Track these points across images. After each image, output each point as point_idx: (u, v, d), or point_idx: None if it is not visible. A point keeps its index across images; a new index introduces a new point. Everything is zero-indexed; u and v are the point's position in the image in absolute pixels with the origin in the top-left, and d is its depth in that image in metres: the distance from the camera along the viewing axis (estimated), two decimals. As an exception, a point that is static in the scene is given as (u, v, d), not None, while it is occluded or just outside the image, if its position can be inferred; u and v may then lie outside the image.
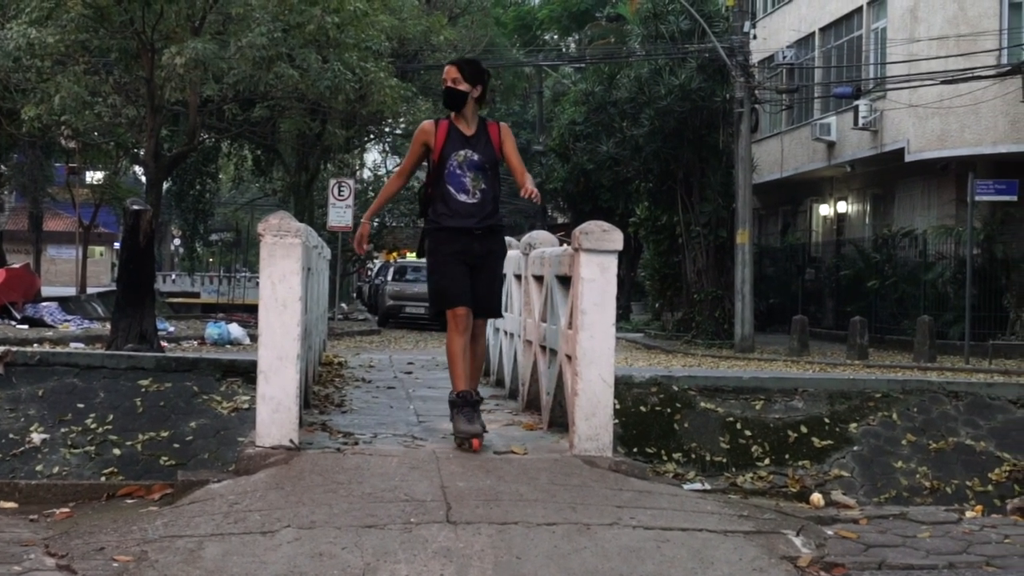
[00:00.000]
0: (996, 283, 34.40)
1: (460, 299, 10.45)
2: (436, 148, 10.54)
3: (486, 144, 10.63)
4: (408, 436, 12.43)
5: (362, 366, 20.21)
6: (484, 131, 10.70)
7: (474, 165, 10.54)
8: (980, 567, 8.40)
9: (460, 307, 10.43)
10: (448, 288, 10.49)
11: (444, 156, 10.51)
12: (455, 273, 10.47)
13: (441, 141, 10.53)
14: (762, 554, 8.72)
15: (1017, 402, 16.06)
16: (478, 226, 10.56)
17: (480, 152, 10.57)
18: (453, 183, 10.52)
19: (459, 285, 10.47)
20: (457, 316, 10.43)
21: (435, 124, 10.74)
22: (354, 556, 8.25)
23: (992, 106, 33.76)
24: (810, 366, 27.75)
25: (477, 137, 10.61)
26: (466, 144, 10.55)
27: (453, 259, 10.48)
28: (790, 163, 45.96)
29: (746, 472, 13.80)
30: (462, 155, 10.51)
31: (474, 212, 10.55)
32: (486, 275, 10.68)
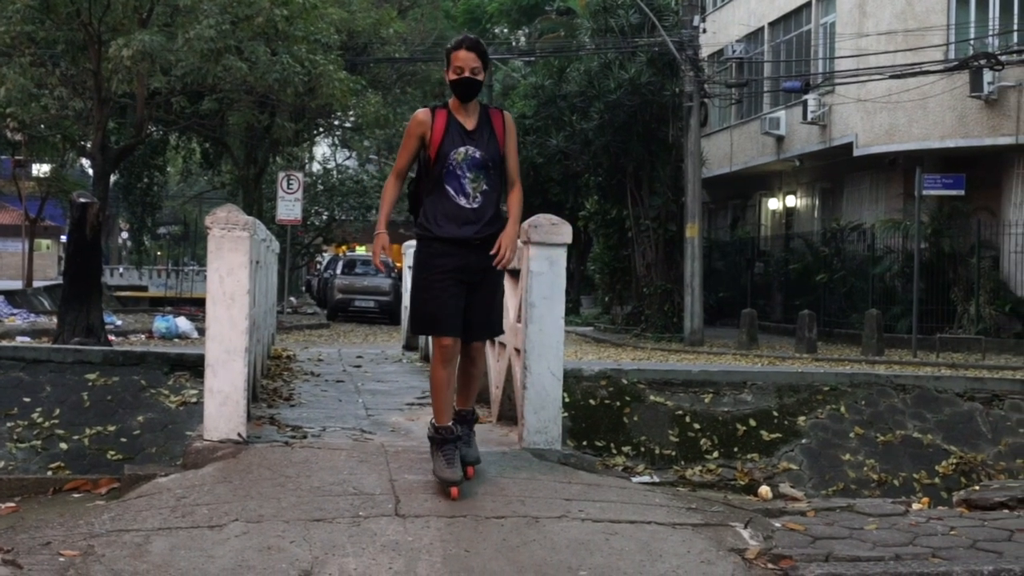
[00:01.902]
0: (943, 277, 34.61)
1: (448, 327, 8.90)
2: (433, 143, 9.00)
3: (489, 138, 9.12)
4: (357, 430, 12.44)
5: (311, 360, 20.17)
6: (487, 122, 9.18)
7: (476, 164, 9.01)
8: (926, 559, 8.44)
9: (448, 336, 8.90)
10: (435, 313, 8.90)
11: (442, 153, 8.98)
12: (446, 295, 8.87)
13: (439, 135, 8.99)
14: (710, 546, 8.76)
15: (964, 395, 16.21)
16: (478, 235, 8.96)
17: (483, 148, 9.06)
18: (451, 184, 9.01)
19: (449, 309, 8.88)
20: (443, 346, 8.93)
21: (431, 114, 9.10)
22: (302, 550, 8.24)
23: (940, 101, 33.96)
24: (759, 360, 27.88)
25: (479, 130, 9.10)
26: (468, 139, 9.03)
27: (445, 277, 8.89)
28: (739, 157, 46.12)
29: (695, 465, 13.86)
30: (462, 152, 9.00)
31: (474, 219, 8.98)
32: (486, 292, 9.12)
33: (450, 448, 9.02)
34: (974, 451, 15.10)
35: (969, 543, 8.93)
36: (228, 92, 37.67)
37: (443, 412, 9.08)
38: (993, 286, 33.62)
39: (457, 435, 9.11)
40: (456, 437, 9.09)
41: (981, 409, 15.99)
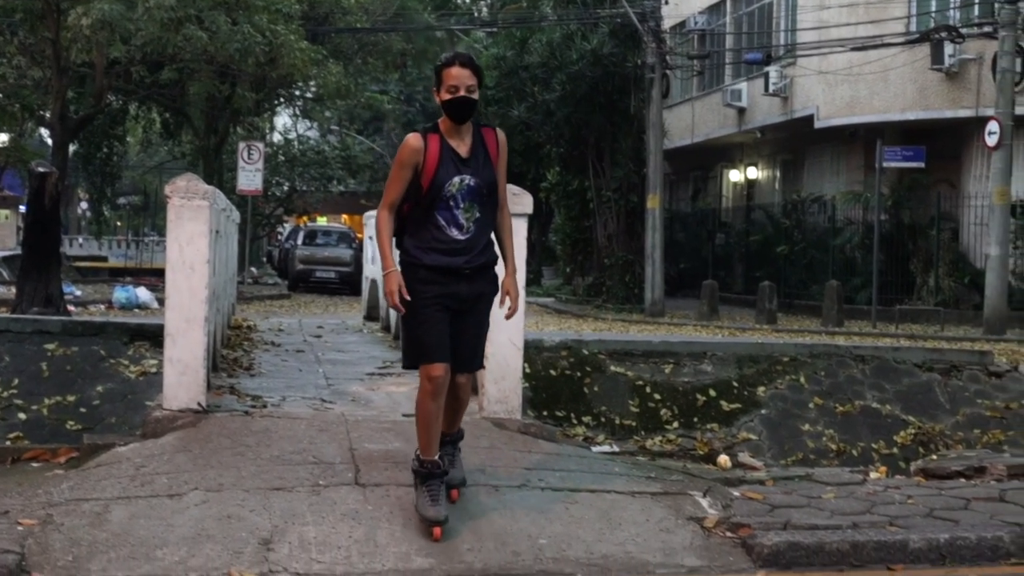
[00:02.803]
0: (903, 249, 34.72)
1: (438, 353, 8.15)
2: (427, 173, 8.13)
3: (484, 163, 8.31)
4: (317, 399, 12.44)
5: (271, 330, 20.12)
6: (481, 145, 8.35)
7: (471, 192, 8.21)
8: (883, 527, 8.51)
9: (438, 364, 8.12)
10: (424, 339, 8.16)
11: (436, 184, 8.12)
12: (434, 320, 8.15)
13: (433, 165, 8.13)
14: (669, 515, 8.81)
15: (922, 366, 16.29)
16: (467, 266, 8.23)
17: (478, 175, 8.24)
18: (443, 215, 8.18)
19: (438, 335, 8.16)
20: (433, 376, 8.11)
21: (423, 139, 8.22)
22: (262, 518, 8.25)
23: (901, 73, 34.04)
24: (719, 331, 27.96)
25: (474, 156, 8.27)
26: (463, 167, 8.19)
27: (433, 303, 8.14)
28: (701, 129, 46.14)
29: (655, 435, 13.89)
30: (457, 183, 8.16)
31: (464, 250, 8.21)
32: (473, 321, 8.40)
33: (435, 484, 8.14)
34: (932, 421, 15.17)
35: (926, 512, 9.01)
36: (188, 62, 37.45)
37: (430, 446, 8.23)
38: (952, 258, 33.77)
39: (444, 470, 8.27)
40: (443, 472, 8.26)
41: (939, 380, 16.07)
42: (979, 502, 9.36)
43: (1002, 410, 15.59)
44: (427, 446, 8.23)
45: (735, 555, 8.10)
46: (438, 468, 8.21)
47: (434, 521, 7.98)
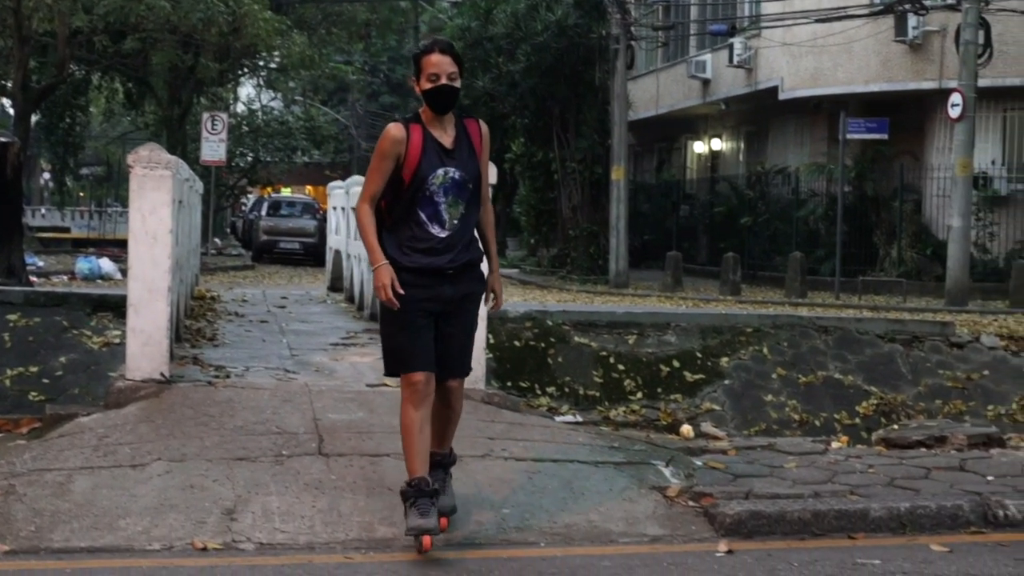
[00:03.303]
0: (866, 220, 34.78)
1: (420, 361, 7.54)
2: (409, 166, 7.55)
3: (468, 155, 7.75)
4: (281, 369, 12.45)
5: (235, 300, 20.11)
6: (465, 137, 7.79)
7: (455, 186, 7.63)
8: (845, 496, 8.57)
9: (419, 372, 7.51)
10: (405, 346, 7.56)
11: (419, 177, 7.54)
12: (415, 326, 7.54)
13: (416, 156, 7.55)
14: (632, 484, 8.84)
15: (885, 337, 16.38)
16: (451, 265, 7.62)
17: (463, 168, 7.67)
18: (426, 211, 7.59)
19: (420, 342, 7.55)
20: (414, 384, 7.51)
21: (406, 129, 7.63)
22: (225, 488, 8.25)
23: (864, 45, 34.06)
24: (683, 302, 27.99)
25: (458, 147, 7.72)
26: (447, 159, 7.63)
27: (413, 307, 7.50)
28: (665, 100, 46.12)
29: (619, 406, 13.94)
30: (441, 175, 7.57)
31: (447, 248, 7.60)
32: (459, 324, 7.77)
33: (425, 502, 7.37)
34: (894, 392, 15.27)
35: (887, 481, 9.07)
36: (151, 31, 37.22)
37: (417, 461, 7.49)
38: (915, 229, 33.85)
39: (434, 488, 7.49)
40: (433, 491, 7.47)
41: (902, 351, 16.17)
42: (939, 471, 9.43)
43: (963, 381, 15.70)
44: (413, 461, 7.49)
45: (697, 524, 8.15)
46: (427, 485, 7.41)
47: (422, 530, 7.30)
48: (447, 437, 7.93)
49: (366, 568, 7.06)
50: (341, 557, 7.30)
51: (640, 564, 7.25)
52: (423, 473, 7.47)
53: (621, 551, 7.57)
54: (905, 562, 7.42)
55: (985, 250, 31.99)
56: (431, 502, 7.41)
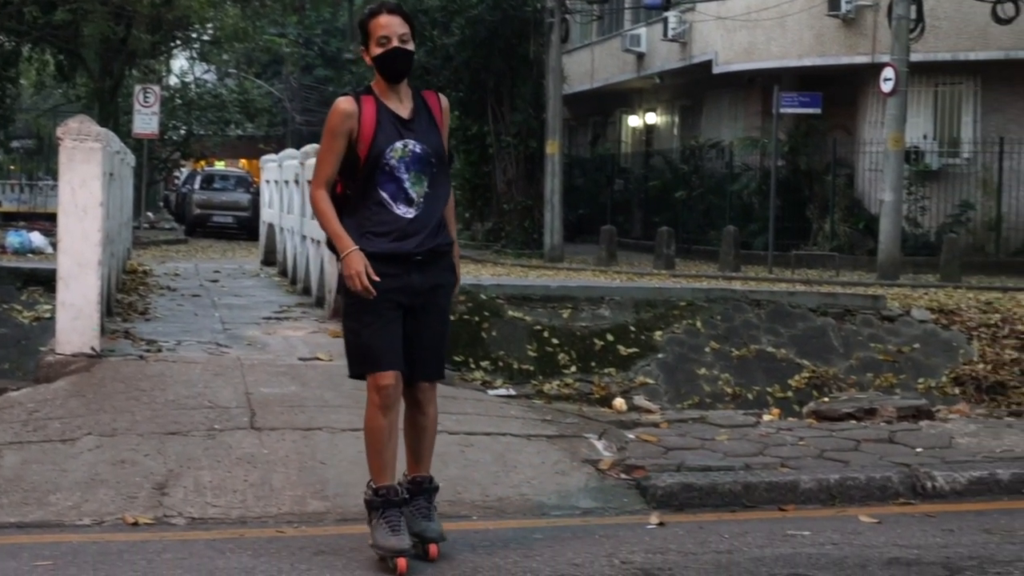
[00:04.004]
0: (799, 194, 34.95)
1: (387, 360, 6.78)
2: (363, 139, 6.81)
3: (428, 127, 7.03)
4: (213, 343, 12.42)
5: (167, 274, 20.03)
6: (423, 108, 7.08)
7: (417, 160, 6.89)
8: (775, 468, 8.63)
9: (387, 372, 6.76)
10: (371, 344, 6.80)
11: (375, 151, 6.80)
12: (382, 320, 6.78)
13: (371, 129, 6.82)
14: (564, 457, 8.87)
15: (817, 310, 16.51)
16: (418, 250, 6.85)
17: (423, 140, 6.94)
18: (387, 189, 6.84)
19: (386, 339, 6.78)
20: (382, 386, 6.75)
21: (357, 102, 6.89)
22: (156, 463, 8.22)
23: (798, 19, 34.21)
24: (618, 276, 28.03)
25: (416, 118, 7.00)
26: (405, 130, 6.91)
27: (378, 300, 6.72)
28: (600, 74, 46.14)
29: (553, 379, 13.99)
30: (400, 148, 6.85)
31: (414, 230, 6.84)
32: (431, 320, 6.97)
33: (394, 513, 6.71)
34: (826, 365, 15.40)
35: (817, 453, 9.15)
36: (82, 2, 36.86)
37: (383, 469, 6.80)
38: (848, 204, 34.06)
39: (403, 497, 6.82)
40: (402, 500, 6.80)
41: (834, 324, 16.29)
42: (869, 443, 9.51)
43: (894, 354, 15.84)
44: (380, 470, 6.80)
45: (629, 497, 8.19)
46: (395, 495, 6.74)
47: (396, 550, 6.58)
48: (425, 455, 7.06)
49: (298, 542, 7.05)
50: (273, 531, 7.29)
51: (572, 536, 7.28)
52: (390, 481, 6.77)
53: (553, 524, 7.60)
54: (834, 533, 7.48)
55: (916, 224, 32.24)
56: (400, 514, 6.74)
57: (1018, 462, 8.96)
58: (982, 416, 11.27)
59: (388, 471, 6.80)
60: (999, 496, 8.50)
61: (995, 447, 9.43)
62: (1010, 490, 8.58)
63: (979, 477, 8.61)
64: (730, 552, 7.04)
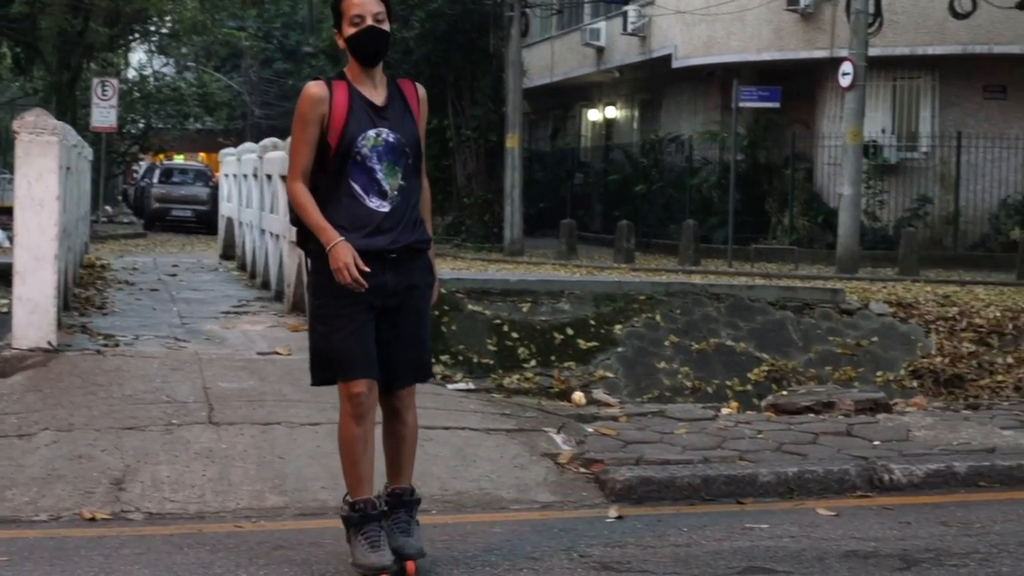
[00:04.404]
0: (759, 188, 35.06)
1: (361, 367, 6.33)
2: (334, 127, 6.38)
3: (403, 115, 6.56)
4: (171, 338, 12.38)
5: (126, 268, 19.95)
6: (399, 95, 6.60)
7: (391, 151, 6.44)
8: (734, 461, 8.66)
9: (360, 380, 6.31)
10: (342, 349, 6.33)
11: (347, 139, 6.36)
12: (353, 324, 6.32)
13: (342, 116, 6.38)
14: (523, 451, 8.88)
15: (776, 304, 16.54)
16: (393, 247, 6.39)
17: (397, 129, 6.48)
18: (359, 180, 6.40)
19: (359, 344, 6.33)
20: (355, 394, 6.32)
21: (328, 87, 6.45)
22: (114, 458, 8.19)
23: (757, 14, 34.29)
24: (578, 269, 28.07)
25: (391, 106, 6.54)
26: (379, 118, 6.46)
27: (352, 303, 6.30)
28: (560, 68, 46.14)
29: (512, 373, 13.97)
30: (373, 136, 6.40)
31: (389, 225, 6.40)
32: (409, 320, 6.50)
33: (373, 528, 6.32)
34: (785, 359, 15.43)
35: (775, 446, 9.19)
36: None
37: (360, 482, 6.39)
38: (807, 197, 34.19)
39: (381, 510, 6.40)
40: (381, 513, 6.39)
41: (792, 318, 16.32)
42: (827, 436, 9.55)
43: (852, 347, 15.89)
44: (356, 483, 6.38)
45: (588, 490, 8.20)
46: (373, 508, 6.34)
47: (378, 568, 6.24)
48: (405, 466, 6.62)
49: (256, 537, 7.04)
50: (231, 526, 7.27)
51: (531, 530, 7.29)
52: (368, 494, 6.37)
53: (512, 518, 7.61)
54: (792, 526, 7.51)
55: (875, 218, 32.41)
56: (379, 528, 6.34)
57: (975, 455, 9.03)
58: (939, 409, 11.31)
59: (365, 484, 6.40)
60: (956, 489, 8.56)
61: (952, 440, 9.48)
62: (967, 483, 8.64)
63: (936, 470, 8.67)
64: (688, 545, 7.06)
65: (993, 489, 8.61)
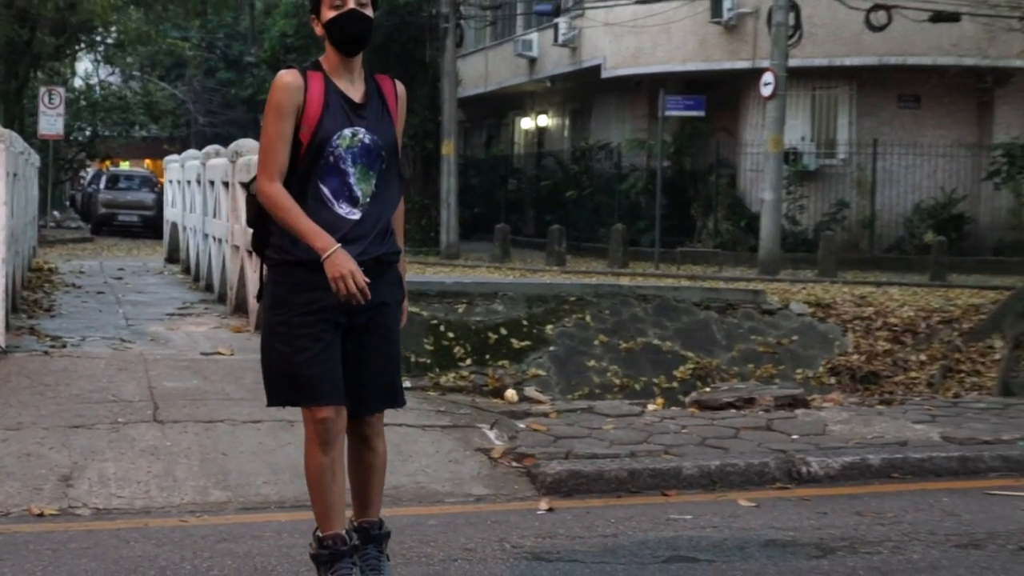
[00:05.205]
0: (684, 194, 35.22)
1: (328, 392, 5.44)
2: (308, 122, 5.46)
3: (381, 114, 5.65)
4: (117, 339, 12.34)
5: (73, 272, 19.84)
6: (377, 93, 5.69)
7: (365, 153, 5.52)
8: (659, 455, 8.70)
9: (326, 407, 5.42)
10: (307, 374, 5.41)
11: (320, 137, 5.45)
12: (318, 345, 5.41)
13: (317, 111, 5.47)
14: (458, 446, 8.90)
15: (701, 304, 16.67)
16: (362, 259, 5.40)
17: (375, 130, 5.57)
18: (329, 183, 5.49)
19: (325, 366, 5.42)
20: (320, 420, 5.44)
21: (303, 77, 5.53)
22: (62, 455, 8.16)
23: (683, 26, 34.44)
24: (511, 272, 28.16)
25: (369, 104, 5.63)
26: (356, 116, 5.54)
27: (315, 319, 5.41)
28: (494, 78, 46.15)
29: (449, 372, 14.01)
30: (348, 136, 5.49)
31: (358, 234, 5.47)
32: (376, 343, 5.60)
33: (346, 566, 5.51)
34: (709, 356, 15.55)
35: (699, 440, 9.23)
36: (-13, 6, 36.39)
37: (329, 515, 5.53)
38: (730, 202, 34.37)
39: (352, 544, 5.56)
40: (351, 548, 5.55)
41: (716, 317, 16.45)
42: (748, 431, 9.61)
43: (773, 346, 16.04)
44: (324, 514, 5.53)
45: (520, 484, 8.23)
46: (343, 544, 5.51)
47: None
48: (374, 497, 5.78)
49: (200, 531, 7.02)
50: (177, 520, 7.25)
51: (465, 523, 7.31)
52: (339, 528, 5.52)
53: (447, 510, 7.63)
54: (715, 517, 7.57)
55: (795, 222, 32.63)
56: (351, 564, 5.55)
57: (888, 448, 9.12)
58: (855, 404, 11.42)
59: (335, 517, 5.52)
60: (870, 480, 8.64)
61: (866, 434, 9.57)
62: (880, 474, 8.72)
63: (851, 462, 8.74)
64: (616, 536, 7.10)
65: (905, 480, 8.69)
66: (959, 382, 14.75)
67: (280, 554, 6.55)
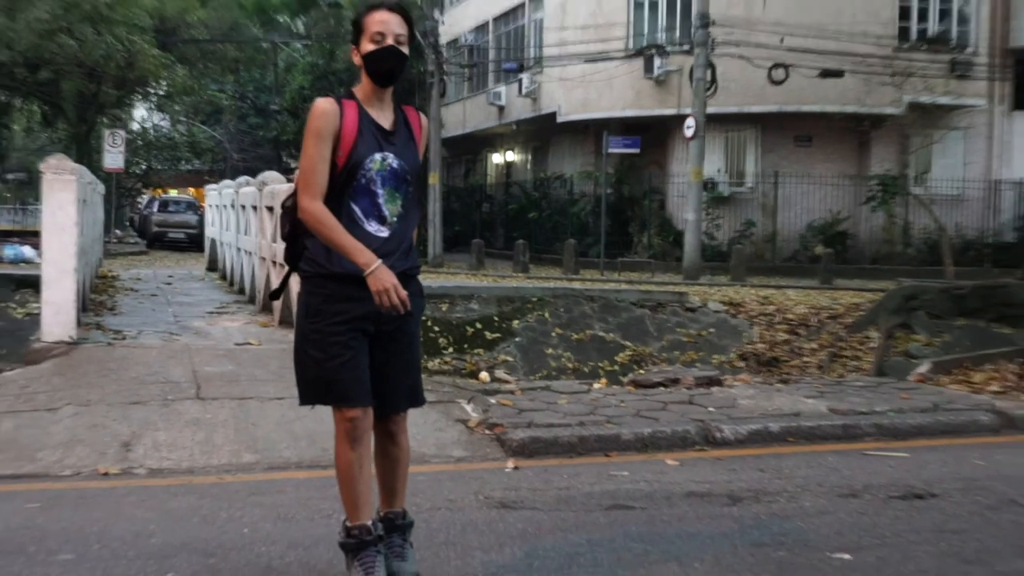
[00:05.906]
0: (624, 215, 35.24)
1: (355, 394, 4.94)
2: (343, 147, 4.94)
3: (407, 143, 5.14)
4: (167, 333, 12.31)
5: (131, 279, 19.74)
6: (404, 123, 5.17)
7: (393, 176, 5.03)
8: (603, 424, 8.73)
9: (355, 408, 4.92)
10: (338, 378, 4.91)
11: (354, 161, 4.94)
12: (349, 352, 4.92)
13: (352, 136, 4.96)
14: (441, 418, 8.92)
15: (637, 303, 16.68)
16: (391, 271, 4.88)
17: (402, 155, 5.07)
18: (361, 204, 4.97)
19: (354, 371, 4.93)
20: (350, 420, 4.93)
21: (339, 105, 4.99)
22: (122, 426, 8.15)
23: (622, 80, 34.48)
24: (485, 278, 28.06)
25: (397, 131, 5.12)
26: (386, 142, 5.04)
27: (346, 328, 4.92)
28: (471, 122, 46.12)
29: (434, 358, 13.97)
30: (379, 160, 4.99)
31: (386, 251, 4.93)
32: (401, 349, 5.12)
33: (371, 554, 5.01)
34: (644, 345, 15.55)
35: (634, 412, 9.26)
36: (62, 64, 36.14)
37: (357, 506, 5.02)
38: (660, 222, 34.43)
39: (378, 535, 5.06)
40: (377, 537, 5.04)
41: (649, 314, 16.46)
42: (674, 405, 9.64)
43: (695, 336, 16.05)
44: (353, 507, 5.02)
45: (492, 447, 8.24)
46: (369, 534, 5.01)
47: None
48: (399, 490, 5.28)
49: (234, 486, 7.03)
50: (215, 478, 7.25)
51: (448, 479, 7.32)
52: (366, 519, 5.02)
53: (433, 469, 7.64)
54: (647, 473, 7.59)
55: (712, 237, 32.73)
56: (377, 553, 5.03)
57: (785, 418, 9.16)
58: (759, 383, 11.46)
59: (363, 508, 5.02)
60: (771, 444, 8.68)
61: (768, 407, 9.62)
62: (779, 439, 8.77)
63: (756, 429, 8.79)
64: (568, 488, 7.13)
65: (799, 444, 8.74)
66: (843, 365, 14.79)
67: (299, 504, 6.55)
